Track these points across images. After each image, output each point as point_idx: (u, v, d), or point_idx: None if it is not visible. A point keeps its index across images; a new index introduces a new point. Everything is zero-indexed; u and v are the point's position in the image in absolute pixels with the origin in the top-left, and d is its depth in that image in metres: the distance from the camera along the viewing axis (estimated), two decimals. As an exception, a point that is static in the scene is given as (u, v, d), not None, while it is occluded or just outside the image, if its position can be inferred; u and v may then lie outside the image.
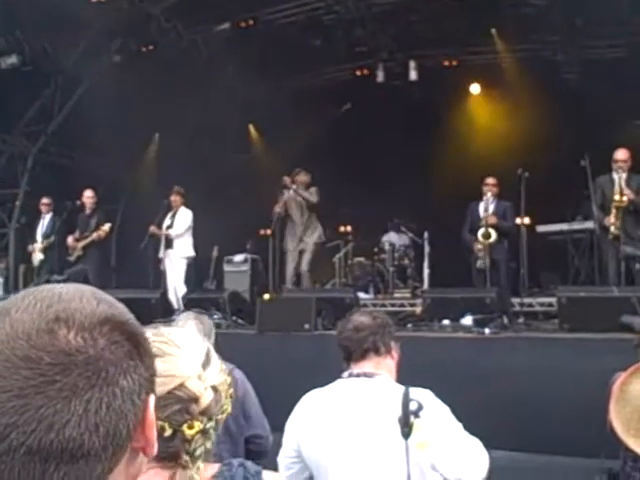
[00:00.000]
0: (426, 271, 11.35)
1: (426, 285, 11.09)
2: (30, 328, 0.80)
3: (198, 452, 1.47)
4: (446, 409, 2.72)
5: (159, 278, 11.03)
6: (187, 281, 10.67)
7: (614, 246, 8.02)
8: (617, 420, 2.98)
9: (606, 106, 10.12)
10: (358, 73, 13.11)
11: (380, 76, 12.62)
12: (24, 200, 12.37)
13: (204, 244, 11.38)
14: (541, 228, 11.05)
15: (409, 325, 8.35)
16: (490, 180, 9.35)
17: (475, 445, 2.71)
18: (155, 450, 0.91)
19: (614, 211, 7.99)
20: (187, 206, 10.79)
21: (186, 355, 1.52)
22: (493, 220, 9.08)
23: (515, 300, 9.04)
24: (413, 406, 2.57)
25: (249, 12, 11.69)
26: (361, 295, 10.42)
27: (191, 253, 10.75)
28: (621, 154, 8.19)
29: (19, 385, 0.77)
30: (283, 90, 13.01)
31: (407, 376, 2.88)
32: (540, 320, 8.84)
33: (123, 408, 0.82)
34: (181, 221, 10.66)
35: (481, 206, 9.32)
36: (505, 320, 7.79)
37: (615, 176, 8.17)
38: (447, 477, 2.60)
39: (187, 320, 3.53)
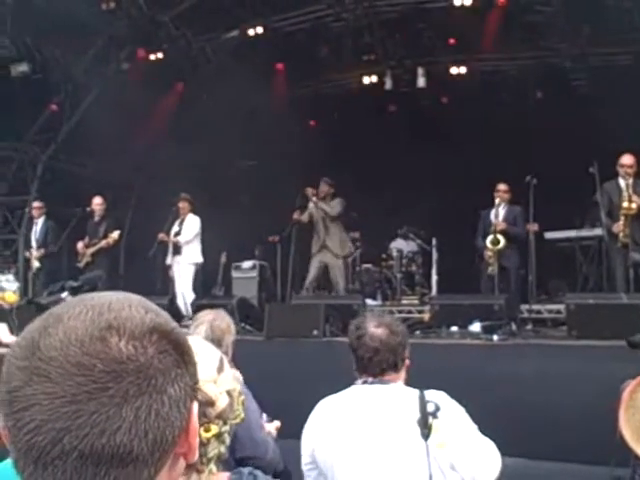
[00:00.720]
0: (434, 278, 11.34)
1: (434, 292, 11.07)
2: (83, 335, 0.83)
3: (211, 454, 1.51)
4: (461, 409, 2.75)
5: (167, 285, 11.06)
6: (195, 287, 10.70)
7: (622, 253, 8.00)
8: (626, 428, 2.97)
9: (615, 113, 10.10)
10: (366, 80, 13.13)
11: (388, 83, 12.63)
12: (34, 207, 12.42)
13: (212, 250, 11.40)
14: (549, 235, 11.02)
15: (417, 332, 8.34)
16: (501, 187, 9.39)
17: (489, 446, 2.74)
18: (196, 456, 0.94)
19: (622, 218, 7.97)
20: (195, 213, 10.82)
21: (202, 360, 1.55)
22: (502, 226, 9.11)
23: (523, 307, 9.03)
24: (431, 407, 2.59)
25: (257, 19, 11.74)
26: (369, 302, 10.41)
27: (199, 259, 10.78)
28: (627, 159, 8.17)
29: (72, 391, 0.80)
30: (291, 96, 13.04)
31: (416, 382, 2.88)
32: (548, 327, 8.83)
33: (170, 415, 0.85)
34: (189, 228, 10.69)
35: (492, 213, 9.35)
36: (513, 327, 7.78)
37: (622, 182, 8.16)
38: (464, 476, 2.63)
39: (200, 324, 3.41)
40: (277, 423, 3.55)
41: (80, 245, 10.80)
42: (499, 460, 2.72)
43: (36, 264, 10.92)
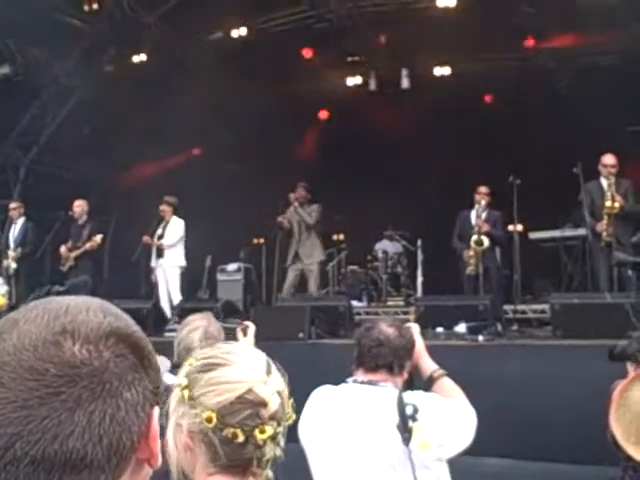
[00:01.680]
0: (419, 279, 11.34)
1: (419, 293, 11.08)
2: (37, 340, 0.81)
3: (267, 457, 1.51)
4: (437, 399, 2.76)
5: (151, 288, 11.00)
6: (181, 290, 10.65)
7: (605, 252, 8.04)
8: (617, 427, 2.96)
9: (598, 113, 10.17)
10: (350, 82, 13.13)
11: (372, 84, 12.64)
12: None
13: (197, 253, 11.35)
14: (533, 235, 11.07)
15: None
16: (483, 189, 9.39)
17: (466, 416, 2.79)
18: (159, 462, 0.92)
19: (605, 217, 8.01)
20: (178, 216, 10.76)
21: (249, 362, 1.59)
22: (486, 228, 9.11)
23: (508, 307, 9.05)
24: (409, 410, 2.58)
25: (242, 21, 11.71)
26: (354, 303, 10.39)
27: (183, 263, 10.71)
28: (609, 159, 8.21)
29: (24, 396, 0.78)
30: (276, 98, 13.02)
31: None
32: (533, 327, 8.86)
33: (127, 420, 0.83)
34: (173, 231, 10.62)
35: (473, 214, 9.35)
36: (499, 327, 7.79)
37: (604, 182, 8.20)
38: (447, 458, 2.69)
39: (194, 330, 3.32)
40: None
41: (63, 249, 10.71)
42: (475, 422, 2.78)
43: (13, 265, 10.77)
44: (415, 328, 3.05)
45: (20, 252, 10.74)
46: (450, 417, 2.75)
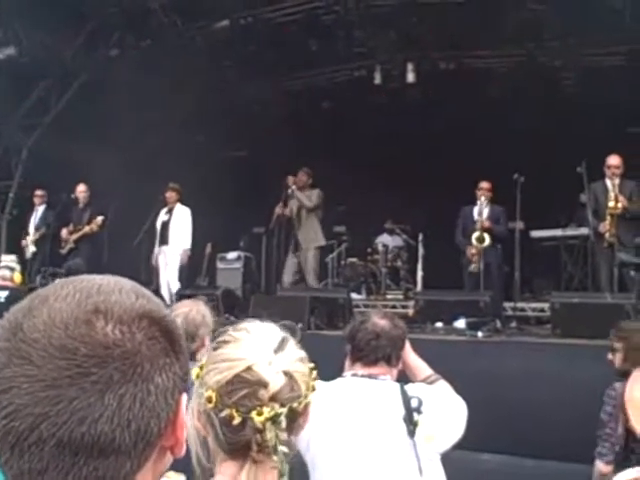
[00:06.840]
0: (420, 273, 11.34)
1: (419, 287, 11.07)
2: (68, 318, 0.79)
3: (271, 443, 1.40)
4: (436, 391, 2.81)
5: (151, 274, 11.00)
6: (180, 277, 10.65)
7: (607, 253, 8.03)
8: None
9: (604, 113, 10.14)
10: (356, 74, 13.08)
11: (377, 78, 12.59)
12: (17, 192, 12.32)
13: (197, 241, 11.35)
14: (535, 233, 11.06)
15: (401, 327, 8.31)
16: (484, 184, 9.38)
17: (459, 407, 2.83)
18: (183, 450, 0.90)
19: (609, 218, 8.01)
20: (182, 203, 10.75)
21: (255, 340, 1.50)
22: (487, 224, 9.12)
23: (508, 305, 9.06)
24: (414, 403, 2.60)
25: (248, 10, 11.66)
26: (353, 296, 10.39)
27: (187, 246, 10.65)
28: (614, 160, 8.21)
29: (53, 375, 0.76)
30: (280, 89, 12.99)
31: (400, 378, 2.90)
32: (532, 325, 8.86)
33: (156, 406, 0.81)
34: (181, 220, 10.61)
35: (475, 210, 9.36)
36: (498, 324, 7.79)
37: (608, 182, 8.20)
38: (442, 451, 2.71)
39: (175, 317, 3.26)
40: None
41: (64, 232, 10.76)
42: (465, 412, 2.82)
43: (32, 248, 10.89)
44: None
45: (39, 234, 10.85)
46: (449, 410, 2.78)
